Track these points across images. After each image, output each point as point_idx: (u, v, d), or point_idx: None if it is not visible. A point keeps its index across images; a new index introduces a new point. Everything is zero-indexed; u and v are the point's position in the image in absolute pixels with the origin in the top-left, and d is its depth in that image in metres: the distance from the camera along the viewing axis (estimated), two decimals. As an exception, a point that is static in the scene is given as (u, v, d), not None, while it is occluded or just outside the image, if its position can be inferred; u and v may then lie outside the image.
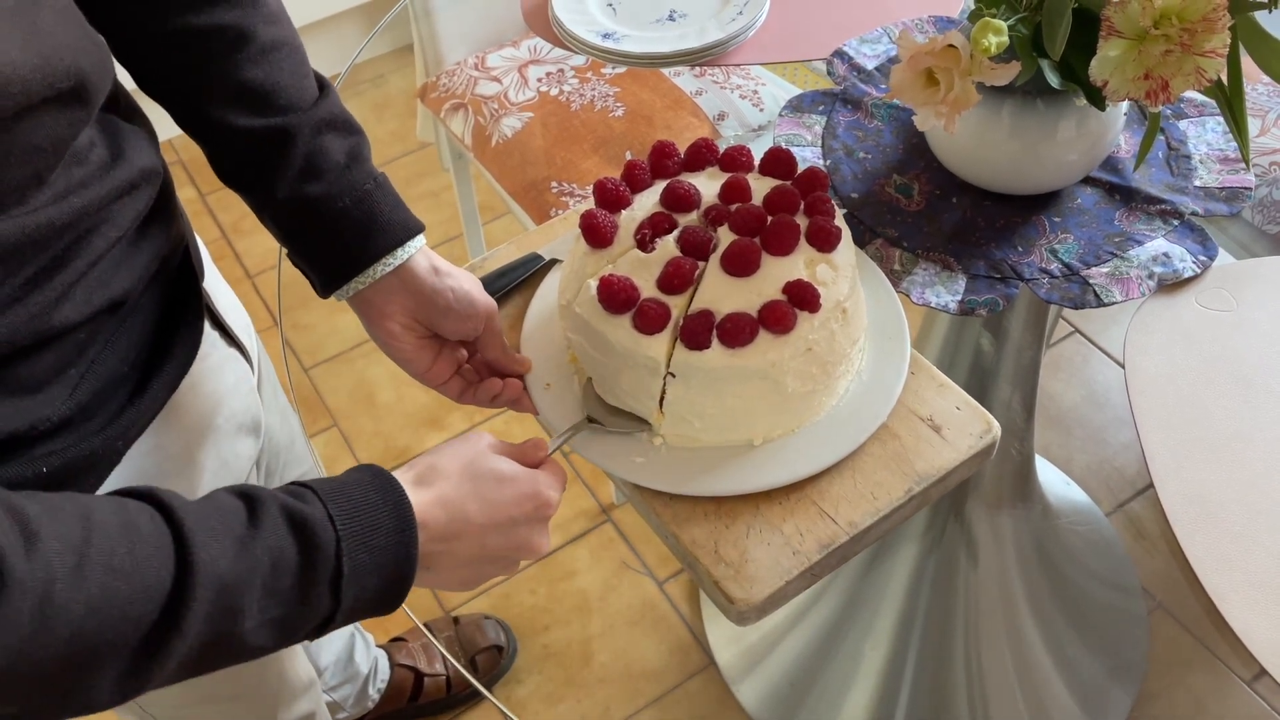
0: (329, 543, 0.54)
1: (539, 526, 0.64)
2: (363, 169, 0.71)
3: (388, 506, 0.57)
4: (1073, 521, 1.30)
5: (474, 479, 0.62)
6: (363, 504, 0.56)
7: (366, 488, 0.57)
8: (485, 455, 0.63)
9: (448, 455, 0.63)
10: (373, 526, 0.56)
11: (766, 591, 0.67)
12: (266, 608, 0.52)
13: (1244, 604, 0.70)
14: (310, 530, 0.54)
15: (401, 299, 0.72)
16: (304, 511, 0.54)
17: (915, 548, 1.20)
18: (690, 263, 0.72)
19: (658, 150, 0.80)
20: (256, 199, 0.71)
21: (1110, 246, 0.88)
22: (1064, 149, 0.87)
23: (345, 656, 1.29)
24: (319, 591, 0.54)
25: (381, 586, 0.56)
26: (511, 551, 0.63)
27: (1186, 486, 0.75)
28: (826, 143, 0.99)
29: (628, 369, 0.71)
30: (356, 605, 0.56)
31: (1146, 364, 0.82)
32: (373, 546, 0.55)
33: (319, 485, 0.57)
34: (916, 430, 0.74)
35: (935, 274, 0.87)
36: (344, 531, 0.55)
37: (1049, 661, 1.21)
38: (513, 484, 0.63)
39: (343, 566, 0.54)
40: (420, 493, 0.59)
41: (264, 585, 0.52)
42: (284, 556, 0.53)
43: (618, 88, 1.35)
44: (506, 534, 0.62)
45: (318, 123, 0.70)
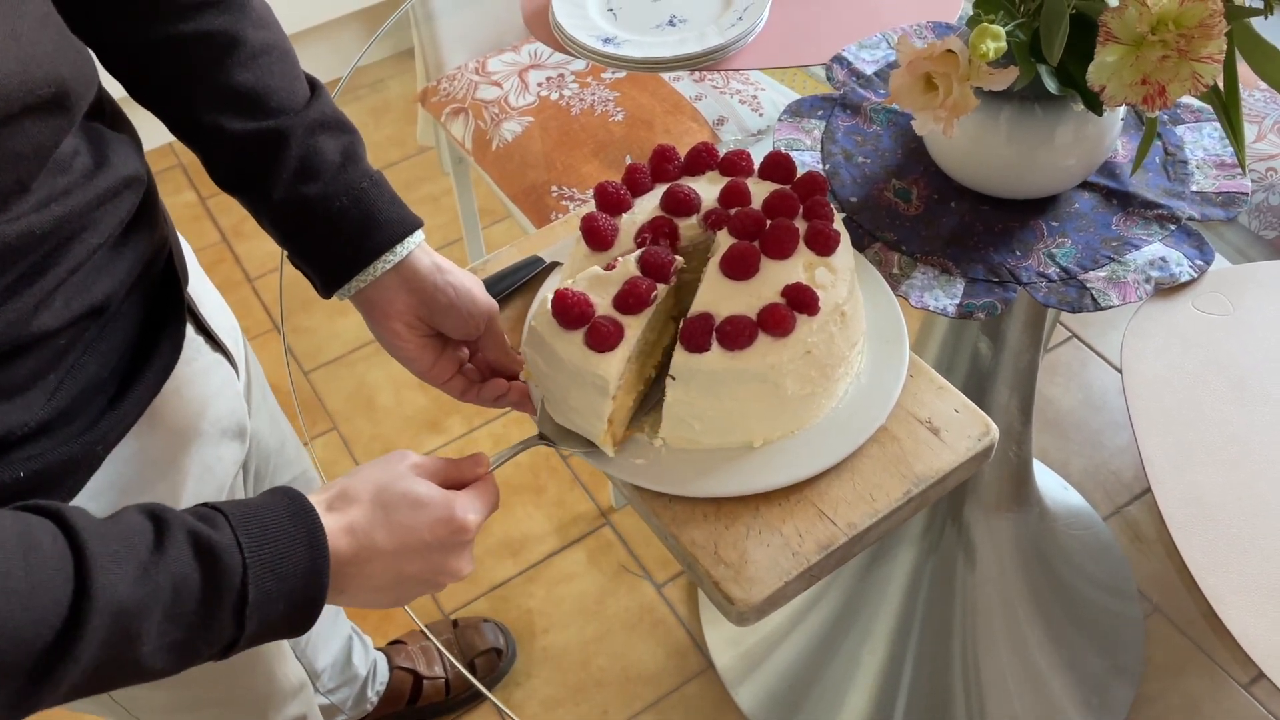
0: (235, 570, 0.53)
1: (456, 551, 0.63)
2: (358, 168, 0.71)
3: (300, 534, 0.56)
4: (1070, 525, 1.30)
5: (385, 505, 0.60)
6: (275, 530, 0.56)
7: (280, 514, 0.57)
8: (401, 478, 0.62)
9: (361, 479, 0.62)
10: (283, 554, 0.55)
11: (766, 592, 0.68)
12: (166, 632, 0.52)
13: (1241, 606, 0.70)
14: (216, 557, 0.53)
15: (404, 296, 0.72)
16: (211, 538, 0.54)
17: (913, 551, 1.21)
18: (648, 284, 0.71)
19: (658, 154, 0.81)
20: (253, 202, 0.72)
21: (1107, 251, 0.88)
22: (1061, 154, 0.87)
23: (343, 659, 1.29)
24: (222, 618, 0.54)
25: (289, 611, 0.56)
26: (430, 575, 0.62)
27: (1184, 489, 0.75)
28: (825, 147, 0.99)
29: (576, 387, 0.70)
30: (262, 630, 0.56)
31: (1143, 367, 0.83)
32: (281, 573, 0.55)
33: (231, 510, 0.56)
34: (915, 433, 0.75)
35: (934, 277, 0.88)
36: (251, 559, 0.54)
37: (1046, 665, 1.21)
38: (426, 509, 0.61)
39: (248, 594, 0.54)
40: (330, 519, 0.59)
41: (164, 611, 0.51)
42: (187, 583, 0.52)
43: (618, 92, 1.35)
44: (422, 559, 0.61)
45: (311, 124, 0.70)
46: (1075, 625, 1.25)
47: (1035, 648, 1.22)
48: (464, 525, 0.62)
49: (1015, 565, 1.23)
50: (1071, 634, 1.24)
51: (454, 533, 0.62)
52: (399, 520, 0.60)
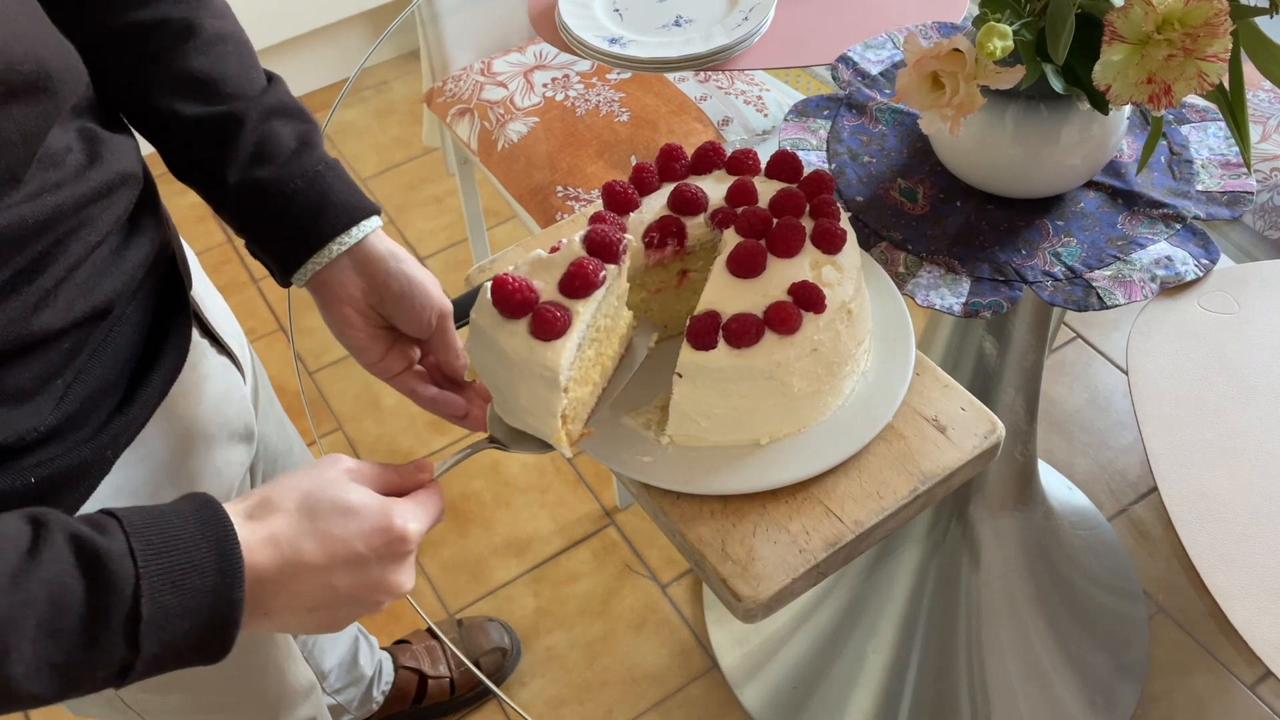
0: (125, 581, 0.48)
1: (396, 564, 0.57)
2: (314, 153, 0.70)
3: (208, 543, 0.51)
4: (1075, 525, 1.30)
5: (312, 514, 0.55)
6: (178, 538, 0.50)
7: (187, 520, 0.52)
8: (332, 484, 0.57)
9: (287, 485, 0.57)
10: (186, 565, 0.50)
11: (773, 589, 0.68)
12: (43, 652, 0.47)
13: (1247, 604, 0.70)
14: (102, 566, 0.48)
15: (357, 281, 0.70)
16: (98, 544, 0.48)
17: (918, 551, 1.21)
18: (595, 264, 0.67)
19: (665, 153, 0.81)
20: (209, 189, 0.70)
21: (1113, 250, 0.88)
22: (1067, 153, 0.88)
23: (349, 659, 1.29)
24: (110, 637, 0.48)
25: (198, 633, 0.51)
26: (367, 592, 0.57)
27: (1189, 487, 0.76)
28: (831, 147, 1.00)
29: (525, 381, 0.66)
30: (166, 653, 0.50)
31: (1149, 366, 0.83)
32: (185, 587, 0.50)
33: (128, 515, 0.51)
34: (922, 430, 0.75)
35: (939, 276, 0.88)
36: (146, 569, 0.49)
37: (1050, 664, 1.21)
38: (359, 518, 0.56)
39: (141, 610, 0.48)
40: (250, 528, 0.54)
41: (39, 625, 0.46)
42: (67, 594, 0.47)
43: (623, 93, 1.35)
44: (357, 574, 0.56)
45: (266, 109, 0.69)
46: (1080, 625, 1.25)
47: (1040, 647, 1.22)
48: (403, 535, 0.57)
49: (1020, 564, 1.23)
50: (1076, 633, 1.24)
51: (391, 543, 0.56)
52: (328, 530, 0.55)
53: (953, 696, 1.21)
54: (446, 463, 0.65)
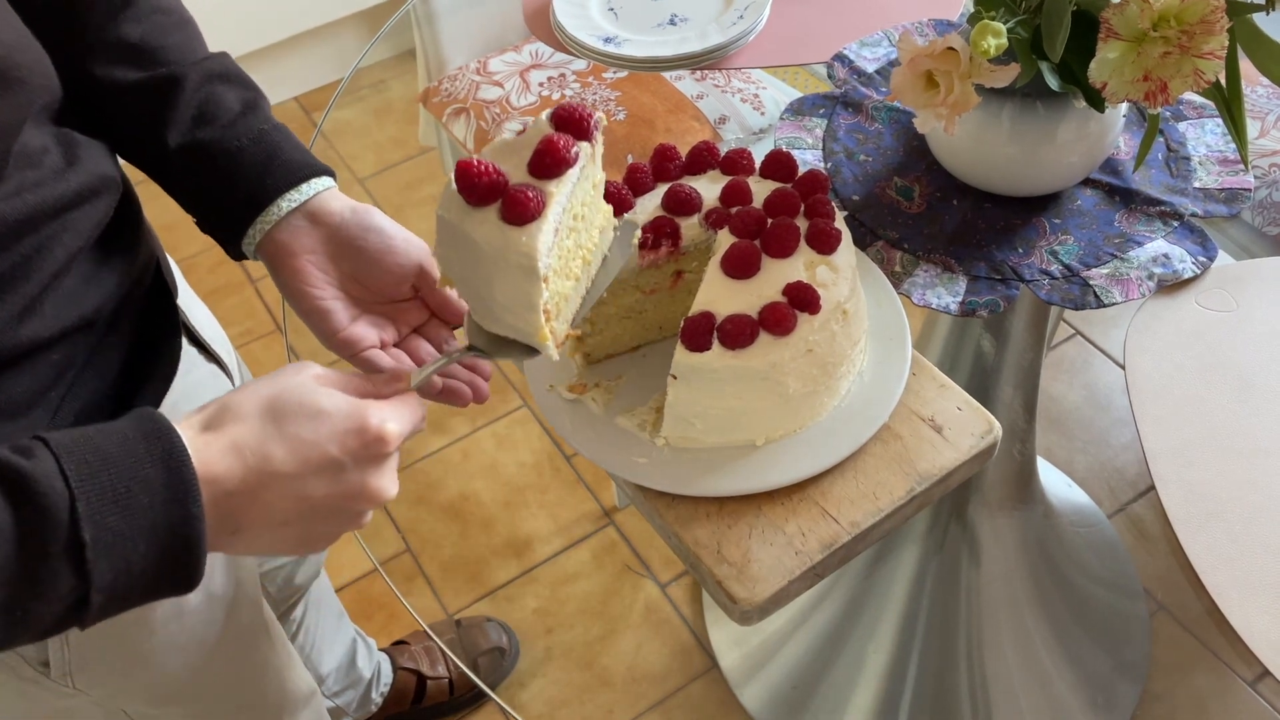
0: (58, 503, 0.44)
1: (375, 468, 0.53)
2: (260, 115, 0.67)
3: (153, 458, 0.46)
4: (1074, 523, 1.30)
5: (277, 417, 0.51)
6: (116, 456, 0.46)
7: (126, 436, 0.47)
8: (299, 388, 0.52)
9: (248, 391, 0.52)
10: (130, 481, 0.46)
11: (769, 591, 0.68)
12: None
13: (1245, 603, 0.70)
14: (29, 489, 0.44)
15: (314, 235, 0.65)
16: (22, 467, 0.44)
17: (917, 550, 1.20)
18: (567, 140, 0.61)
19: (659, 153, 0.81)
20: (150, 156, 0.67)
21: (1110, 248, 0.88)
22: (1064, 151, 0.87)
23: (347, 662, 1.29)
24: (51, 568, 0.44)
25: (158, 556, 0.46)
26: (346, 502, 0.52)
27: (1188, 487, 0.75)
28: (827, 145, 0.99)
29: (501, 276, 0.60)
30: (125, 581, 0.46)
31: (1147, 365, 0.82)
32: (131, 507, 0.45)
33: (57, 436, 0.47)
34: (918, 430, 0.74)
35: (936, 275, 0.87)
36: (82, 490, 0.44)
37: (1051, 663, 1.21)
38: (331, 419, 0.51)
39: (82, 534, 0.44)
40: (207, 439, 0.49)
41: None
42: None
43: (619, 92, 1.35)
44: (333, 481, 0.51)
45: (208, 74, 0.67)
46: (1080, 623, 1.25)
47: (1040, 646, 1.22)
48: (380, 435, 0.52)
49: (1020, 563, 1.23)
50: (1077, 632, 1.24)
51: (368, 444, 0.52)
52: (298, 434, 0.50)
53: (953, 696, 1.21)
54: (423, 371, 0.60)
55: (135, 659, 0.74)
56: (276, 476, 0.50)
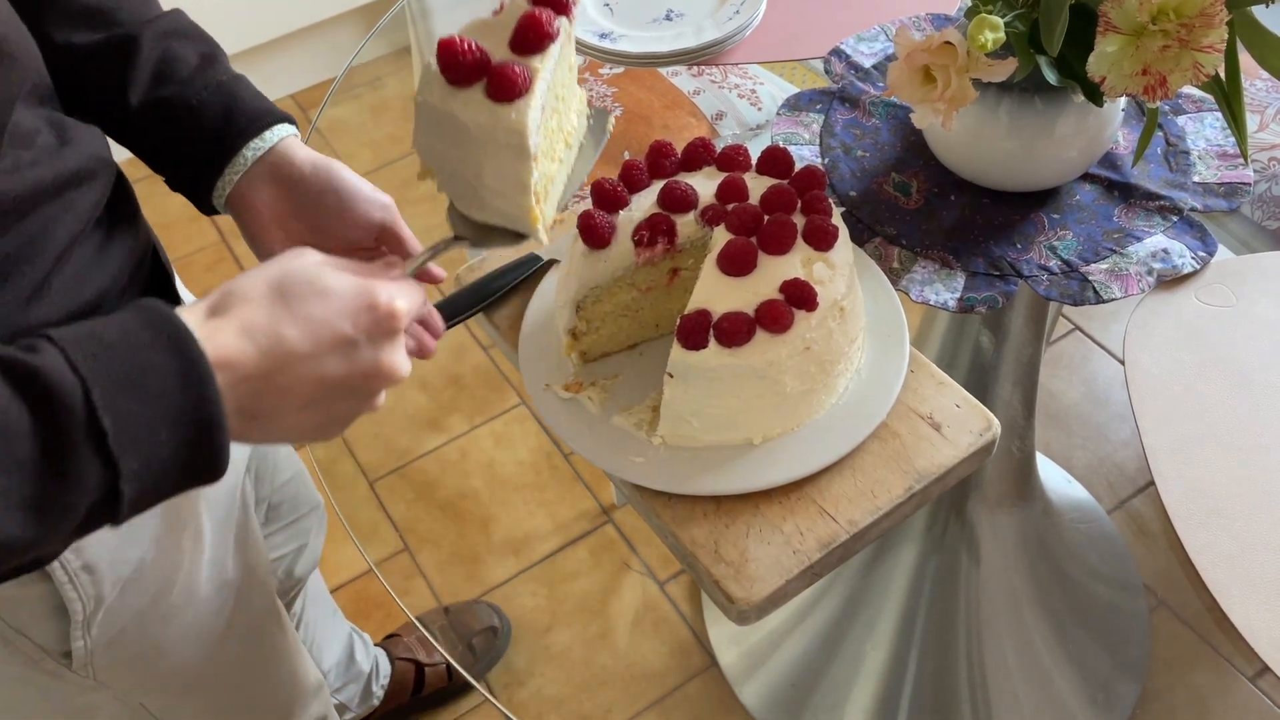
0: (71, 394, 0.44)
1: (388, 343, 0.53)
2: (218, 67, 0.67)
3: (161, 343, 0.46)
4: (1074, 519, 1.30)
5: (286, 298, 0.50)
6: (122, 345, 0.46)
7: (129, 325, 0.47)
8: (303, 269, 0.52)
9: (251, 275, 0.51)
10: (141, 368, 0.45)
11: (767, 591, 0.67)
12: (3, 487, 0.43)
13: (1246, 600, 0.69)
14: (42, 383, 0.43)
15: (273, 191, 0.66)
16: (28, 361, 0.44)
17: (916, 547, 1.20)
18: (548, 14, 0.60)
19: (655, 150, 0.80)
20: (114, 117, 0.67)
21: (1109, 243, 0.88)
22: (1062, 146, 0.87)
23: (346, 658, 1.29)
24: (79, 457, 0.44)
25: (181, 442, 0.46)
26: (362, 381, 0.52)
27: (1188, 483, 0.75)
28: (824, 141, 0.99)
29: (489, 157, 0.58)
30: (150, 471, 0.46)
31: (1146, 360, 0.82)
32: (146, 392, 0.45)
33: (59, 331, 0.46)
34: (916, 428, 0.74)
35: (934, 272, 0.87)
36: (93, 378, 0.44)
37: (1051, 660, 1.20)
38: (340, 297, 0.51)
39: (101, 422, 0.44)
40: (216, 325, 0.49)
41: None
42: (9, 419, 0.43)
43: (615, 88, 1.34)
44: (348, 359, 0.51)
45: (164, 31, 0.67)
46: (1080, 620, 1.25)
47: (1040, 643, 1.21)
48: (390, 310, 0.52)
49: (1019, 560, 1.23)
50: (1076, 629, 1.24)
51: (379, 320, 0.52)
52: (309, 313, 0.50)
53: (952, 693, 1.21)
54: (414, 261, 0.60)
55: (153, 648, 0.74)
56: (291, 357, 0.50)
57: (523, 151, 0.57)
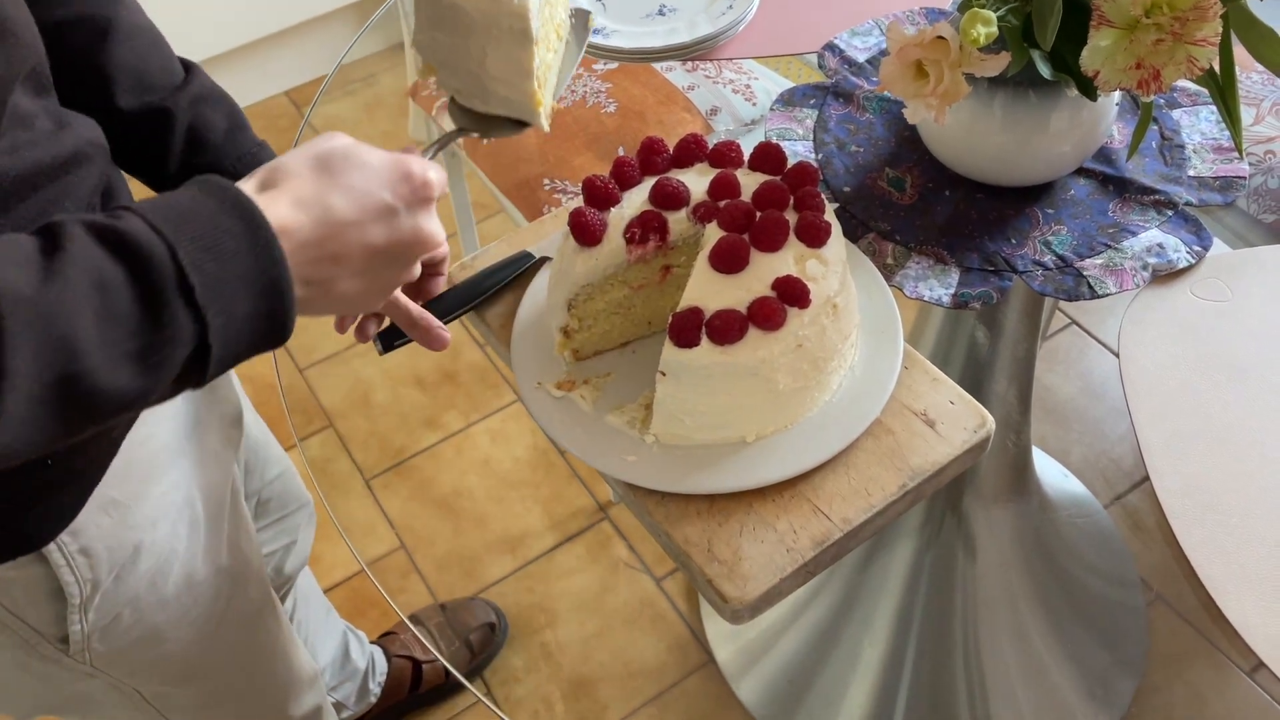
0: (161, 255, 0.47)
1: (424, 210, 0.56)
2: (245, 134, 0.74)
3: (228, 210, 0.49)
4: (1071, 514, 1.29)
5: (330, 171, 0.54)
6: (194, 212, 0.49)
7: (195, 195, 0.50)
8: (341, 146, 0.56)
9: (292, 155, 0.55)
10: (214, 232, 0.48)
11: (760, 589, 0.67)
12: (111, 339, 0.46)
13: (1241, 596, 0.69)
14: (132, 243, 0.47)
15: None
16: (119, 227, 0.47)
17: (912, 543, 1.20)
18: None
19: (646, 146, 0.80)
20: (152, 180, 0.74)
21: (1104, 237, 0.87)
22: (1056, 140, 0.86)
23: (341, 656, 1.29)
24: (173, 310, 0.47)
25: (256, 302, 0.49)
26: (403, 248, 0.56)
27: (1183, 479, 0.75)
28: (818, 136, 0.98)
29: (492, 44, 0.60)
30: (232, 330, 0.49)
31: (1141, 356, 0.82)
32: (223, 252, 0.48)
33: (136, 205, 0.50)
34: (910, 425, 0.74)
35: (928, 267, 0.87)
36: (177, 239, 0.47)
37: (1048, 655, 1.20)
38: (378, 169, 0.55)
39: (189, 278, 0.47)
40: (270, 197, 0.52)
41: (95, 312, 0.45)
42: (107, 276, 0.46)
43: (609, 83, 1.34)
44: (390, 226, 0.55)
45: (193, 99, 0.73)
46: (1077, 615, 1.24)
47: (1037, 638, 1.21)
48: (425, 179, 0.56)
49: (1016, 555, 1.22)
50: (1073, 624, 1.23)
51: (416, 189, 0.56)
52: (351, 184, 0.53)
53: (949, 689, 1.21)
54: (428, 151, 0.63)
55: (150, 634, 0.75)
56: (340, 225, 0.53)
57: (525, 35, 0.58)
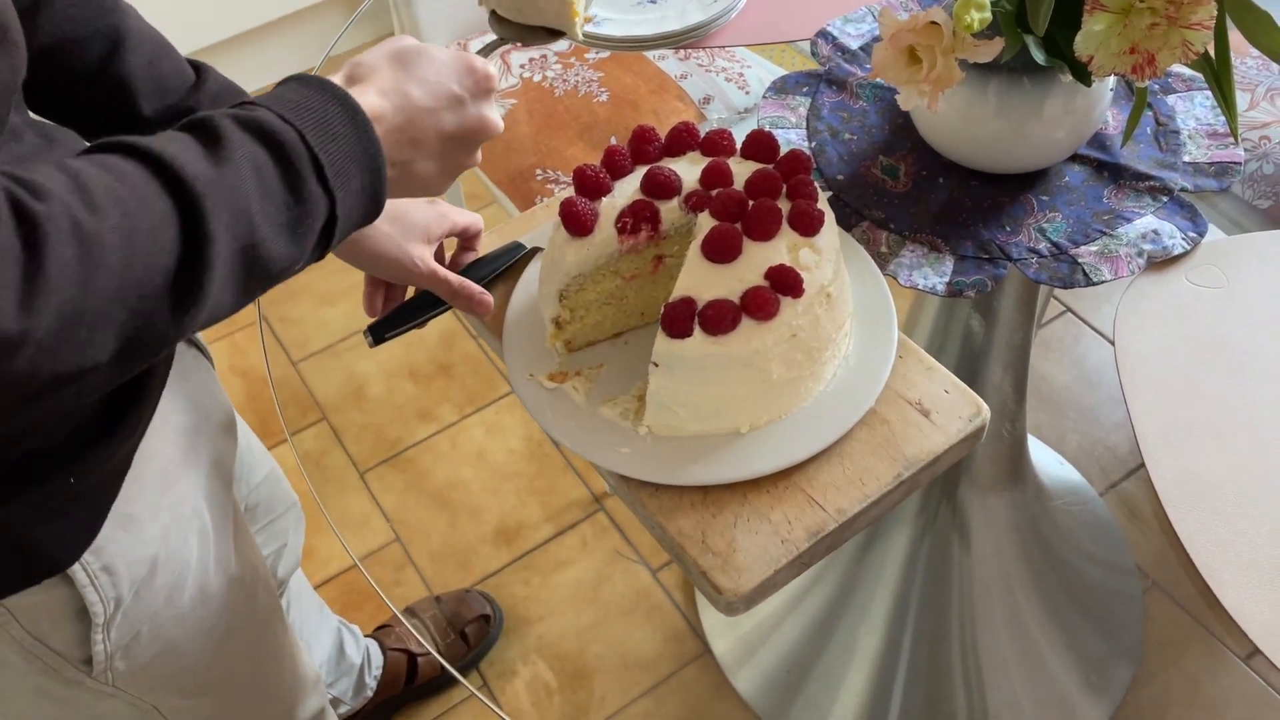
0: (294, 140, 0.53)
1: (486, 100, 0.64)
2: None
3: (329, 99, 0.55)
4: (1066, 502, 1.29)
5: (404, 64, 0.60)
6: (304, 103, 0.55)
7: (300, 90, 0.56)
8: (411, 44, 0.62)
9: (370, 52, 0.61)
10: (326, 118, 0.54)
11: (755, 581, 0.66)
12: (270, 213, 0.52)
13: (1237, 583, 0.69)
14: (270, 130, 0.53)
15: None
16: (255, 116, 0.53)
17: (908, 532, 1.20)
18: None
19: (638, 135, 0.79)
20: None
21: (1099, 224, 0.87)
22: (1051, 126, 0.86)
23: (336, 651, 1.29)
24: (310, 187, 0.53)
25: (364, 177, 0.56)
26: (469, 133, 0.63)
27: (1178, 466, 0.74)
28: (811, 124, 0.98)
29: None
30: (349, 199, 0.56)
31: (1137, 343, 0.81)
32: (336, 135, 0.54)
33: (256, 99, 0.56)
34: (905, 415, 0.73)
35: (923, 255, 0.86)
36: (303, 126, 0.53)
37: (1044, 643, 1.20)
38: (446, 63, 0.62)
39: (319, 157, 0.53)
40: (358, 91, 0.58)
41: (257, 189, 0.51)
42: (259, 160, 0.52)
43: (601, 73, 1.33)
44: (458, 113, 0.62)
45: (213, 96, 0.74)
46: (1073, 603, 1.24)
47: (1034, 626, 1.21)
48: (486, 72, 0.63)
49: (1012, 543, 1.22)
50: (1070, 612, 1.23)
51: (479, 81, 0.63)
52: (424, 76, 0.60)
53: (946, 677, 1.21)
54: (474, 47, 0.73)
55: (168, 649, 0.76)
56: (418, 112, 0.60)
57: None
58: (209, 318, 0.51)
